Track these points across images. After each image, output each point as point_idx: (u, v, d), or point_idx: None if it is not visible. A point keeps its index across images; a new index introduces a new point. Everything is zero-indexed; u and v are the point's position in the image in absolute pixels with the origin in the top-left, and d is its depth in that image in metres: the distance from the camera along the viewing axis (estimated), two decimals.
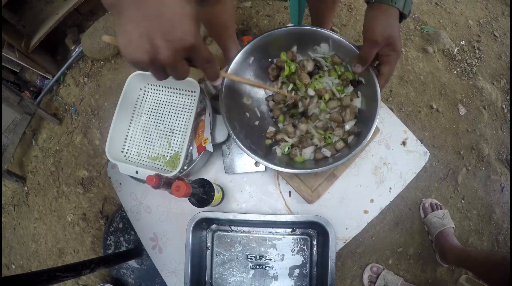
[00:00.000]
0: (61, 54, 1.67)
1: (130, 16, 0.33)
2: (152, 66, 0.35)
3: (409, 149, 0.75)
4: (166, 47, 0.33)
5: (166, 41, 0.33)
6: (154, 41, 0.33)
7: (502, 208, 1.26)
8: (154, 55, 0.34)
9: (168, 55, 0.34)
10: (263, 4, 1.58)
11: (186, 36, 0.34)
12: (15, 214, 1.48)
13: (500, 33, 1.51)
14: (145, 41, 0.33)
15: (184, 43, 0.34)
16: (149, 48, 0.33)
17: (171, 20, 0.33)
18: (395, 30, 0.52)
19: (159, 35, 0.33)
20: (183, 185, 0.52)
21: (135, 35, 0.33)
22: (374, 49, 0.55)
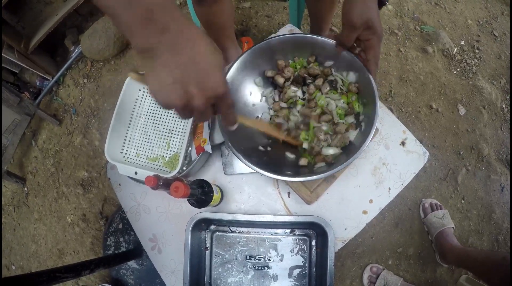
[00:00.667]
0: (61, 55, 1.67)
1: (164, 62, 0.34)
2: (182, 110, 0.37)
3: (408, 149, 0.75)
4: (200, 95, 0.35)
5: (200, 89, 0.35)
6: (188, 88, 0.35)
7: (502, 208, 1.26)
8: (187, 101, 0.36)
9: (201, 102, 0.36)
10: (262, 5, 1.58)
11: (218, 85, 0.37)
12: (15, 215, 1.49)
13: (499, 33, 1.51)
14: (179, 88, 0.35)
15: (216, 92, 0.37)
16: (182, 95, 0.35)
17: (204, 70, 0.35)
18: (373, 13, 0.53)
19: (194, 83, 0.35)
20: (181, 186, 0.52)
21: (168, 80, 0.34)
22: (353, 33, 0.55)
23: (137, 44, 0.33)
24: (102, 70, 1.59)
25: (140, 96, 0.79)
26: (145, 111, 0.79)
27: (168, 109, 0.39)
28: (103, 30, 1.48)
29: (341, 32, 0.58)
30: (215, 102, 0.39)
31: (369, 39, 0.56)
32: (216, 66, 0.36)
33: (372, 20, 0.52)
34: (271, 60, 0.71)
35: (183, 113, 0.39)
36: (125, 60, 1.58)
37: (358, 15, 0.52)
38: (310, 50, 0.69)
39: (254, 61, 0.68)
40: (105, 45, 1.48)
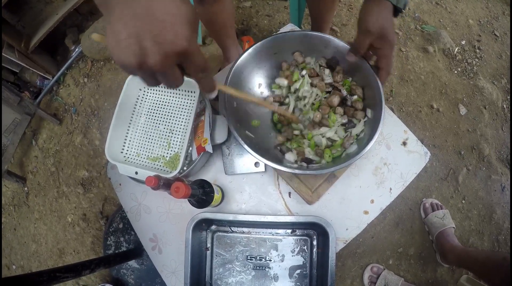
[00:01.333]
0: (61, 54, 1.67)
1: (119, 14, 0.30)
2: (140, 71, 0.32)
3: (409, 149, 0.75)
4: (156, 50, 0.30)
5: (155, 43, 0.30)
6: (142, 43, 0.30)
7: (503, 208, 1.26)
8: (142, 58, 0.31)
9: (157, 59, 0.31)
10: (263, 4, 1.58)
11: (178, 39, 0.31)
12: (15, 215, 1.48)
13: (500, 33, 1.51)
14: (134, 42, 0.30)
15: (175, 46, 0.31)
16: (137, 50, 0.30)
17: (162, 20, 0.30)
18: (388, 22, 0.53)
19: (149, 36, 0.30)
20: (182, 186, 0.52)
21: (123, 34, 0.30)
22: (366, 39, 0.55)
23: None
24: (103, 69, 1.59)
25: (141, 96, 0.78)
26: (146, 110, 0.78)
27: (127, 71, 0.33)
28: (103, 29, 1.48)
29: (355, 38, 0.58)
30: (182, 62, 0.34)
31: (381, 47, 0.56)
32: (177, 16, 0.31)
33: (386, 28, 0.53)
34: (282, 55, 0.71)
35: (144, 75, 0.34)
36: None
37: (373, 23, 0.53)
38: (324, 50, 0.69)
39: (265, 54, 0.69)
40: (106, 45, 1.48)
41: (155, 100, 0.79)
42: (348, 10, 1.54)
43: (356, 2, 1.55)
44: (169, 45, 0.31)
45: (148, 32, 0.30)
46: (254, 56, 0.68)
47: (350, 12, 1.54)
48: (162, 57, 0.31)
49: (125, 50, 0.30)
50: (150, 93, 0.79)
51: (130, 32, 0.30)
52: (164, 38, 0.30)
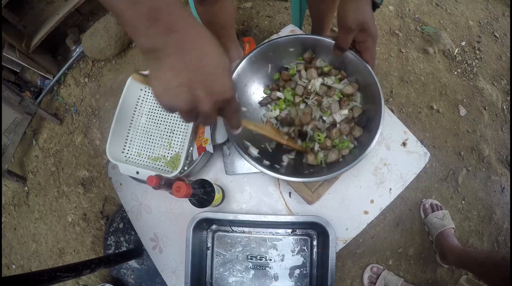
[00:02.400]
0: (62, 54, 1.67)
1: (170, 63, 0.32)
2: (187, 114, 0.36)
3: (409, 150, 0.75)
4: (207, 100, 0.34)
5: (207, 93, 0.34)
6: (195, 92, 0.33)
7: (503, 209, 1.26)
8: (194, 105, 0.34)
9: (208, 107, 0.35)
10: (264, 5, 1.58)
11: (226, 90, 0.35)
12: (15, 214, 1.49)
13: (500, 34, 1.51)
14: (186, 91, 0.33)
15: (224, 96, 0.35)
16: (189, 98, 0.33)
17: (212, 73, 0.33)
18: (367, 15, 0.54)
19: (201, 86, 0.33)
20: (183, 186, 0.52)
21: (174, 83, 0.33)
22: (349, 36, 0.56)
23: (142, 44, 0.32)
24: (103, 69, 1.59)
25: (142, 96, 0.79)
26: (147, 110, 0.79)
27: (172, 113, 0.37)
28: (104, 29, 1.48)
29: (337, 35, 0.59)
30: (222, 106, 0.38)
31: (364, 41, 0.57)
32: (223, 69, 0.35)
33: (366, 22, 0.53)
34: (278, 59, 0.71)
35: (188, 117, 0.37)
36: (126, 60, 1.58)
37: (352, 18, 0.53)
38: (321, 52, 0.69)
39: (260, 60, 0.69)
40: (107, 45, 1.48)
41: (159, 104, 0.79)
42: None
43: None
44: (219, 95, 0.35)
45: (200, 83, 0.33)
46: (251, 63, 0.68)
47: None
48: (213, 105, 0.35)
49: (177, 97, 0.33)
50: (151, 93, 0.79)
51: (181, 81, 0.33)
52: (214, 89, 0.34)
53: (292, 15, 1.26)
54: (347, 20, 0.53)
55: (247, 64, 0.68)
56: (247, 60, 0.67)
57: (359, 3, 0.53)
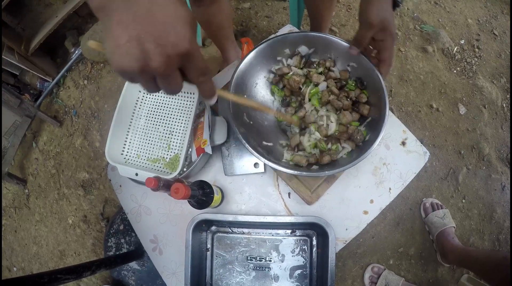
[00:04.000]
0: (61, 56, 1.67)
1: (118, 18, 0.29)
2: (142, 76, 0.31)
3: (408, 149, 0.75)
4: (159, 52, 0.30)
5: (158, 45, 0.30)
6: (144, 45, 0.29)
7: (503, 207, 1.26)
8: (144, 61, 0.30)
9: (160, 61, 0.30)
10: (262, 5, 1.58)
11: (180, 40, 0.31)
12: (16, 217, 1.49)
13: (499, 32, 1.51)
14: (135, 46, 0.29)
15: (178, 48, 0.31)
16: (139, 54, 0.29)
17: (164, 23, 0.30)
18: (389, 14, 0.54)
19: (150, 38, 0.29)
20: (182, 188, 0.52)
21: (123, 39, 0.29)
22: (369, 32, 0.56)
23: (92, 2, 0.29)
24: (102, 71, 1.59)
25: (141, 98, 0.79)
26: (146, 112, 0.79)
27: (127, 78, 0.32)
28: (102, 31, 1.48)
29: (357, 31, 0.59)
30: (183, 64, 0.33)
31: (383, 39, 0.56)
32: (178, 17, 0.30)
33: (387, 20, 0.53)
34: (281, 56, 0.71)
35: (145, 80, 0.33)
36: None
37: (374, 15, 0.53)
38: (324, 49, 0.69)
39: (265, 57, 0.69)
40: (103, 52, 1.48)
41: (155, 102, 0.79)
42: (347, 10, 1.54)
43: (355, 3, 1.55)
44: (172, 47, 0.30)
45: (149, 35, 0.29)
46: (254, 60, 0.68)
47: (349, 12, 1.54)
48: (165, 59, 0.30)
49: (126, 54, 0.29)
50: (150, 95, 0.79)
51: (130, 35, 0.29)
52: (166, 40, 0.30)
53: (291, 15, 1.26)
54: (369, 16, 0.54)
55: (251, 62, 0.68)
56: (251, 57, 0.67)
57: (381, 1, 0.53)
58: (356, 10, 1.53)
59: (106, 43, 0.30)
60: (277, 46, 0.69)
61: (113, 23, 0.29)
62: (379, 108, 0.61)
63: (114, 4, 0.29)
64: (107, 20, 0.30)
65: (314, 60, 0.71)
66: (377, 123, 0.60)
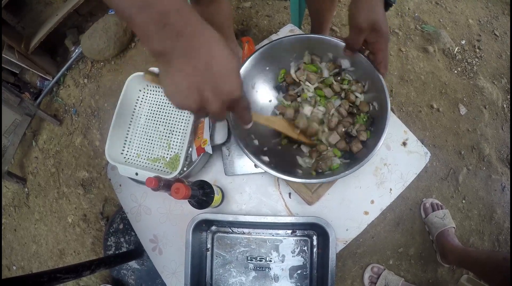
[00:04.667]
0: (61, 55, 1.67)
1: (179, 66, 0.34)
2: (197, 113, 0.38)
3: (409, 149, 0.75)
4: (215, 100, 0.35)
5: (215, 94, 0.35)
6: (203, 93, 0.35)
7: (503, 208, 1.26)
8: (202, 105, 0.36)
9: (216, 107, 0.36)
10: (263, 4, 1.57)
11: (234, 90, 0.36)
12: (15, 215, 1.49)
13: (500, 32, 1.50)
14: (195, 92, 0.35)
15: (231, 96, 0.36)
16: (198, 99, 0.35)
17: (220, 74, 0.35)
18: (379, 15, 0.53)
19: (209, 87, 0.35)
20: (182, 187, 0.52)
21: (183, 85, 0.34)
22: (360, 35, 0.55)
23: (152, 48, 0.33)
24: (103, 70, 1.59)
25: (141, 97, 0.78)
26: (146, 111, 0.78)
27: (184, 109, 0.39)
28: (103, 30, 1.48)
29: (348, 35, 0.58)
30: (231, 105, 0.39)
31: (376, 41, 0.56)
32: (231, 70, 0.36)
33: (378, 22, 0.52)
34: (283, 60, 0.70)
35: (198, 115, 0.40)
36: (125, 60, 1.58)
37: (364, 17, 0.52)
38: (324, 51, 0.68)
39: (265, 61, 0.68)
40: (106, 45, 1.48)
41: (155, 101, 0.79)
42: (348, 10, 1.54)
43: None
44: (226, 95, 0.36)
45: (207, 84, 0.35)
46: (254, 64, 0.67)
47: None
48: (220, 105, 0.36)
49: (186, 98, 0.35)
50: (150, 94, 0.79)
51: (190, 84, 0.34)
52: (222, 90, 0.35)
53: (292, 14, 1.26)
54: (358, 19, 0.53)
55: (252, 64, 0.67)
56: (251, 61, 0.66)
57: (370, 2, 0.52)
58: None
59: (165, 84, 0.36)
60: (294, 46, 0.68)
61: (173, 69, 0.34)
62: (381, 111, 0.60)
63: (175, 55, 0.33)
64: (167, 66, 0.34)
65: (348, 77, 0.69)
66: (379, 127, 0.59)
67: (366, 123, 0.65)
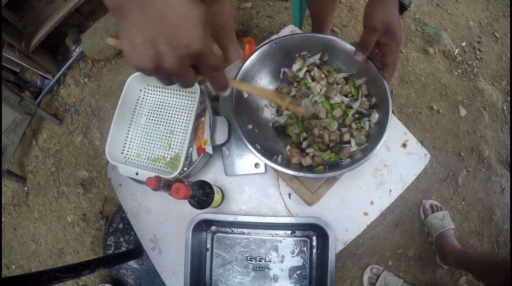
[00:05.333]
0: (62, 54, 1.67)
1: (134, 19, 0.31)
2: (157, 73, 0.33)
3: (409, 151, 0.75)
4: (171, 54, 0.31)
5: (171, 47, 0.31)
6: (158, 47, 0.31)
7: (503, 209, 1.26)
8: (158, 62, 0.32)
9: (172, 62, 0.32)
10: (264, 5, 1.58)
11: (192, 42, 0.32)
12: (15, 214, 1.49)
13: (501, 34, 1.51)
14: (149, 47, 0.31)
15: (189, 49, 0.32)
16: (153, 55, 0.31)
17: (176, 25, 0.31)
18: (394, 18, 0.53)
19: (164, 40, 0.31)
20: (182, 187, 0.52)
21: (138, 40, 0.31)
22: (373, 36, 0.55)
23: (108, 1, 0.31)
24: (103, 69, 1.59)
25: (141, 96, 0.78)
26: (146, 111, 0.79)
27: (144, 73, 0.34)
28: (104, 29, 1.48)
29: (362, 36, 0.58)
30: (196, 62, 0.35)
31: (388, 43, 0.56)
32: (190, 19, 0.31)
33: (392, 24, 0.53)
34: (285, 59, 0.70)
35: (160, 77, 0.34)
36: (126, 60, 1.58)
37: (379, 19, 0.53)
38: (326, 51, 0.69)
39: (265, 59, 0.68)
40: (106, 45, 1.48)
41: (156, 101, 0.79)
42: (348, 11, 1.54)
43: (356, 3, 1.55)
44: (184, 48, 0.32)
45: (162, 37, 0.31)
46: (258, 60, 0.67)
47: (351, 13, 1.54)
48: (178, 60, 0.32)
49: (142, 55, 0.31)
50: (151, 93, 0.79)
51: (145, 37, 0.31)
52: (178, 42, 0.31)
53: (292, 15, 1.26)
54: (372, 20, 0.53)
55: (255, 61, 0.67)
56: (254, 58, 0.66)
57: (386, 4, 0.53)
58: (358, 11, 1.53)
59: (123, 42, 0.32)
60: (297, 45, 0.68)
61: (128, 24, 0.31)
62: (383, 113, 0.61)
63: (129, 6, 0.30)
64: (123, 21, 0.31)
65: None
66: (380, 128, 0.60)
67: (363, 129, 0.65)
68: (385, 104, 0.60)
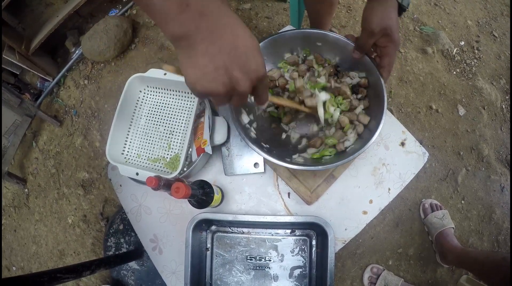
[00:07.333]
0: (62, 56, 1.67)
1: (204, 49, 0.33)
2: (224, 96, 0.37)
3: (408, 150, 0.75)
4: (245, 79, 0.35)
5: (244, 73, 0.35)
6: (232, 73, 0.34)
7: (502, 208, 1.26)
8: (232, 86, 0.36)
9: (246, 86, 0.36)
10: (262, 6, 1.58)
11: (260, 67, 0.37)
12: (15, 216, 1.49)
13: (499, 33, 1.51)
14: (223, 74, 0.34)
15: (258, 74, 0.37)
16: (227, 80, 0.35)
17: (246, 53, 0.35)
18: (393, 21, 0.53)
19: (237, 67, 0.34)
20: (182, 187, 0.52)
21: (210, 67, 0.33)
22: (371, 39, 0.56)
23: (173, 31, 0.32)
24: (103, 71, 1.59)
25: (141, 97, 0.79)
26: (146, 112, 0.79)
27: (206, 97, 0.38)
28: (103, 31, 1.48)
29: (359, 37, 0.59)
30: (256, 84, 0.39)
31: (385, 46, 0.56)
32: (254, 48, 0.36)
33: (390, 28, 0.53)
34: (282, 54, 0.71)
35: (223, 100, 0.38)
36: (125, 61, 1.59)
37: (377, 22, 0.53)
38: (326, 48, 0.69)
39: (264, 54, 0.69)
40: (106, 47, 1.49)
41: (155, 102, 0.79)
42: (347, 11, 1.55)
43: (355, 4, 1.56)
44: (254, 73, 0.36)
45: (236, 64, 0.34)
46: None
47: (349, 13, 1.54)
48: (249, 83, 0.37)
49: (214, 80, 0.34)
50: (150, 95, 0.79)
51: (218, 65, 0.34)
52: (249, 68, 0.35)
53: (291, 16, 1.27)
54: (371, 23, 0.54)
55: None
56: None
57: (385, 7, 0.53)
58: (356, 11, 1.54)
59: (188, 71, 0.35)
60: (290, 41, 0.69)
61: (197, 52, 0.33)
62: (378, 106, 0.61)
63: (199, 37, 0.32)
64: (190, 50, 0.33)
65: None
66: (375, 119, 0.60)
67: None
68: (378, 87, 0.60)
